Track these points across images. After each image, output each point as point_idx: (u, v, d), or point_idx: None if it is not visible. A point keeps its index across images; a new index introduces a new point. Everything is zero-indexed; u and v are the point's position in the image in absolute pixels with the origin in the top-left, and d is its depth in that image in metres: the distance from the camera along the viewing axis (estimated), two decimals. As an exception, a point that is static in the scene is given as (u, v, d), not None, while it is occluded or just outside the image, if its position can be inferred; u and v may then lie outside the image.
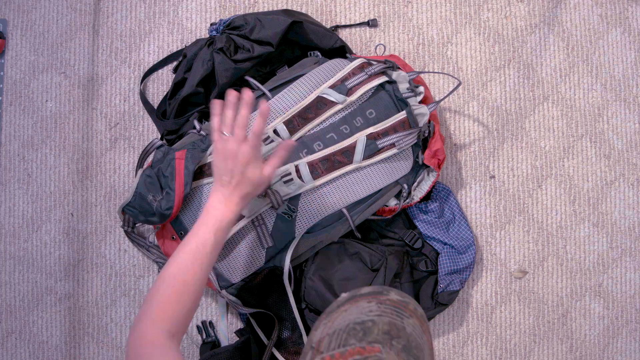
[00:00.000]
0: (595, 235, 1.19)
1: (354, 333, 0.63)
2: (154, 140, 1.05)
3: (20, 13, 1.18)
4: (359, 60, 1.00)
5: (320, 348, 0.62)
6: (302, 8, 1.18)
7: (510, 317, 1.18)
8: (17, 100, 1.18)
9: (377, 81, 0.98)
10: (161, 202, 0.97)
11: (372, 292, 0.75)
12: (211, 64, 1.03)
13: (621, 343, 1.19)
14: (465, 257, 1.10)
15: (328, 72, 1.00)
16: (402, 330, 0.65)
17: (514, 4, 1.19)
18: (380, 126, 0.99)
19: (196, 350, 1.15)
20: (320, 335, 0.65)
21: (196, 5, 1.18)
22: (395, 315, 0.68)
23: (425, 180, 1.06)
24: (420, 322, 0.71)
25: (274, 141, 0.97)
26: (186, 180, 0.95)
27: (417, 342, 0.65)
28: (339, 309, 0.71)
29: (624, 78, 1.19)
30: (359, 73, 0.99)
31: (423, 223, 1.11)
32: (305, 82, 0.99)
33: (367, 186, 1.01)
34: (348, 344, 0.62)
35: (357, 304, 0.71)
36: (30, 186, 1.17)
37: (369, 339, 0.62)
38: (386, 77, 0.99)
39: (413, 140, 1.00)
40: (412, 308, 0.71)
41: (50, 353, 1.16)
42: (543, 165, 1.18)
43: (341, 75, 0.99)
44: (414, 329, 0.67)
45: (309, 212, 1.00)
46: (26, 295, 1.16)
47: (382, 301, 0.70)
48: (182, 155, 0.97)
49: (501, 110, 1.18)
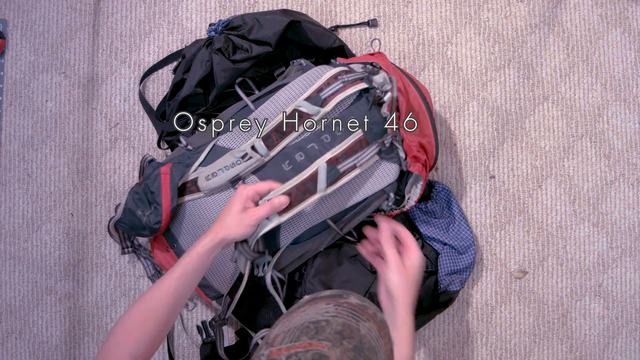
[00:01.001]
0: (595, 235, 1.19)
1: (307, 331, 0.65)
2: (146, 156, 1.08)
3: (20, 13, 1.18)
4: (336, 68, 0.96)
5: (274, 343, 0.64)
6: (302, 8, 1.18)
7: (510, 317, 1.18)
8: (17, 100, 1.18)
9: (352, 89, 0.92)
10: (150, 216, 0.98)
11: (333, 295, 0.77)
12: (210, 65, 1.03)
13: (621, 343, 1.19)
14: (465, 257, 1.10)
15: (306, 82, 0.95)
16: (355, 332, 0.66)
17: (514, 4, 1.19)
18: (337, 149, 0.93)
19: (196, 350, 1.15)
20: (276, 333, 0.67)
21: (196, 5, 1.18)
22: (351, 317, 0.69)
23: (416, 185, 1.01)
24: (379, 327, 0.72)
25: (252, 157, 0.95)
26: (172, 195, 0.97)
27: (371, 345, 0.67)
28: (299, 310, 0.73)
29: (624, 78, 1.19)
30: (334, 82, 0.93)
31: (423, 223, 1.11)
32: (284, 94, 0.95)
33: (351, 197, 0.97)
34: (299, 340, 0.64)
35: (316, 306, 0.73)
36: (30, 186, 1.17)
37: (320, 337, 0.64)
38: (365, 83, 0.93)
39: (373, 156, 0.94)
40: (370, 312, 0.73)
41: (50, 353, 1.16)
42: (543, 165, 1.18)
43: (317, 86, 0.93)
44: (369, 331, 0.68)
45: (293, 223, 0.97)
46: (26, 295, 1.16)
47: (340, 304, 0.72)
48: (167, 170, 0.98)
49: (501, 110, 1.18)
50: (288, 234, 0.98)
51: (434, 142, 1.01)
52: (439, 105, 1.18)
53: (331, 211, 0.97)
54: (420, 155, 0.96)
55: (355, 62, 0.99)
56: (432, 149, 1.00)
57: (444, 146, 1.17)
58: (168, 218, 0.98)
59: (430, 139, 1.00)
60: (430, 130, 1.00)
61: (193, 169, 0.99)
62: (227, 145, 0.98)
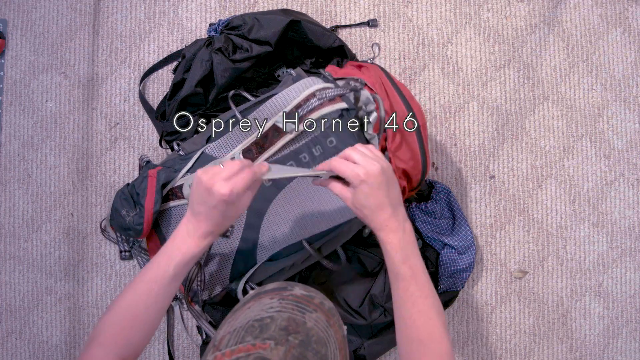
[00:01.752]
0: (595, 235, 1.19)
1: (252, 330, 0.63)
2: (143, 157, 1.09)
3: (20, 13, 1.18)
4: (317, 85, 0.91)
5: (220, 346, 0.62)
6: (302, 8, 1.18)
7: (510, 317, 1.18)
8: (17, 100, 1.18)
9: (330, 108, 0.89)
10: (134, 217, 0.99)
11: (276, 288, 0.74)
12: (210, 64, 1.03)
13: (621, 343, 1.19)
14: (465, 257, 1.10)
15: (289, 96, 0.92)
16: (301, 325, 0.64)
17: (514, 4, 1.19)
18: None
19: (196, 350, 1.15)
20: (222, 334, 0.65)
21: (196, 5, 1.18)
22: (296, 310, 0.67)
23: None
24: (327, 316, 0.70)
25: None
26: (156, 198, 0.97)
27: (320, 337, 0.65)
28: (244, 307, 0.70)
29: (624, 78, 1.19)
30: (311, 99, 0.90)
31: (423, 224, 1.11)
32: (269, 107, 0.93)
33: (325, 221, 0.95)
34: (244, 341, 0.62)
35: (260, 301, 0.70)
36: (30, 186, 1.17)
37: (264, 336, 0.62)
38: (344, 102, 0.89)
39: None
40: (317, 302, 0.70)
41: (50, 353, 1.16)
42: (543, 165, 1.18)
43: (296, 102, 0.91)
44: (317, 323, 0.66)
45: (269, 240, 0.97)
46: (26, 295, 1.16)
47: (285, 297, 0.69)
48: (154, 174, 0.98)
49: (501, 110, 1.18)
50: (265, 251, 0.97)
51: (421, 165, 0.96)
52: (439, 106, 1.18)
53: (308, 231, 0.95)
54: (400, 181, 0.92)
55: (343, 77, 0.95)
56: (418, 174, 0.96)
57: (443, 146, 1.17)
58: (150, 220, 0.98)
59: (416, 163, 0.95)
60: (417, 153, 0.95)
61: (181, 174, 0.99)
62: (213, 154, 0.97)
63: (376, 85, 0.94)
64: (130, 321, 0.75)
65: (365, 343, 1.07)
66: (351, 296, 1.03)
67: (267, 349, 0.60)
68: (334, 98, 0.90)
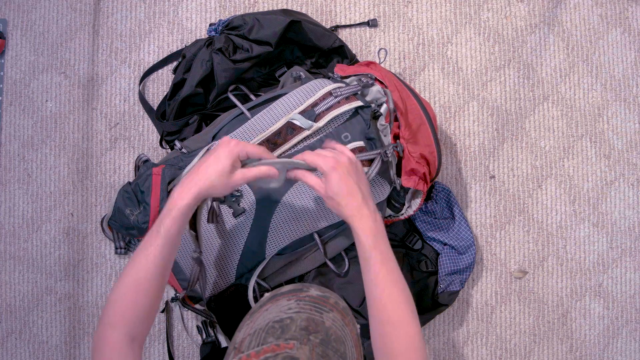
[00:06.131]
0: (595, 235, 1.19)
1: (273, 331, 0.65)
2: (141, 155, 1.09)
3: (20, 13, 1.18)
4: (333, 84, 0.95)
5: (242, 348, 0.63)
6: (302, 8, 1.18)
7: (510, 317, 1.18)
8: (17, 100, 1.18)
9: (347, 106, 0.93)
10: (138, 216, 0.99)
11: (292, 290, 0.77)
12: (210, 65, 1.03)
13: (621, 343, 1.19)
14: (465, 257, 1.10)
15: (303, 95, 0.95)
16: (320, 325, 0.66)
17: (514, 4, 1.19)
18: None
19: (196, 350, 1.15)
20: (242, 336, 0.66)
21: (196, 5, 1.18)
22: (314, 310, 0.69)
23: (417, 196, 1.00)
24: (342, 315, 0.72)
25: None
26: (162, 196, 0.97)
27: (338, 335, 0.67)
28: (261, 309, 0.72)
29: (624, 78, 1.19)
30: (328, 97, 0.94)
31: (423, 223, 1.11)
32: (281, 105, 0.96)
33: (333, 215, 0.97)
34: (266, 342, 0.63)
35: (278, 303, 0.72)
36: (30, 186, 1.17)
37: (286, 336, 0.64)
38: (359, 100, 0.94)
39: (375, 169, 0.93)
40: (332, 302, 0.73)
41: (50, 353, 1.16)
42: (543, 165, 1.18)
43: (312, 101, 0.94)
44: (334, 322, 0.68)
45: (280, 233, 0.99)
46: (26, 295, 1.16)
47: (302, 298, 0.71)
48: (159, 172, 0.98)
49: (501, 110, 1.18)
50: (275, 244, 1.00)
51: (436, 152, 0.99)
52: (439, 106, 1.18)
53: (319, 223, 0.98)
54: (420, 167, 0.95)
55: (352, 74, 0.99)
56: (435, 159, 0.99)
57: (444, 146, 1.17)
58: (156, 218, 0.98)
59: (432, 149, 0.98)
60: (432, 141, 0.99)
61: (185, 172, 0.99)
62: None
63: (386, 79, 0.98)
64: (134, 294, 0.77)
65: (365, 343, 1.07)
66: (351, 296, 1.03)
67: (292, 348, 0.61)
68: (350, 96, 0.94)
